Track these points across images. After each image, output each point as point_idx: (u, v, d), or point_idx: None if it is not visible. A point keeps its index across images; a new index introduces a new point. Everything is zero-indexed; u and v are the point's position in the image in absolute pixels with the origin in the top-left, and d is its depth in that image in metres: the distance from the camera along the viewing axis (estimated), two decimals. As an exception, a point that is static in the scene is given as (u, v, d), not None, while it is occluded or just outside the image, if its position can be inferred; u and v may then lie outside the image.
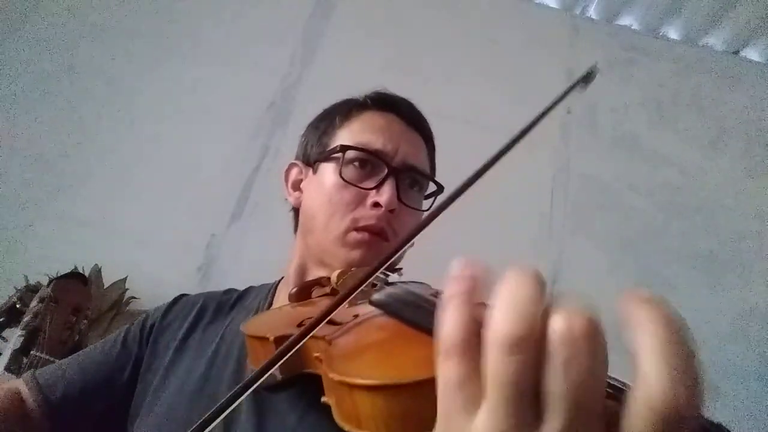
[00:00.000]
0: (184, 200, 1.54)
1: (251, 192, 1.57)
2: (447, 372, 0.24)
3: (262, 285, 0.78)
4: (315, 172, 0.72)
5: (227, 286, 0.79)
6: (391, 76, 1.78)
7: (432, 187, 0.76)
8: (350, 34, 1.84)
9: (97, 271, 1.33)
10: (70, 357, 0.71)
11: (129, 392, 0.66)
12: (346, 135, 0.70)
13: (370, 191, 0.66)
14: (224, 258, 1.49)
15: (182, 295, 0.77)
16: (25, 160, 1.52)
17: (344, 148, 0.67)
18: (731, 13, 1.90)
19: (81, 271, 1.25)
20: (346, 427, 0.33)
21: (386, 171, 0.67)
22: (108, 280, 1.34)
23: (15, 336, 1.09)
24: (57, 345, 1.05)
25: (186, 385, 0.61)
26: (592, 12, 2.02)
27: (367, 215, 0.65)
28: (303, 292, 0.62)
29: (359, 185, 0.66)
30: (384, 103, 0.74)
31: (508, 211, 1.64)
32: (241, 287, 0.78)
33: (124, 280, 1.36)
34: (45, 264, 1.22)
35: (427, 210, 0.74)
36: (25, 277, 1.22)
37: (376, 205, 0.65)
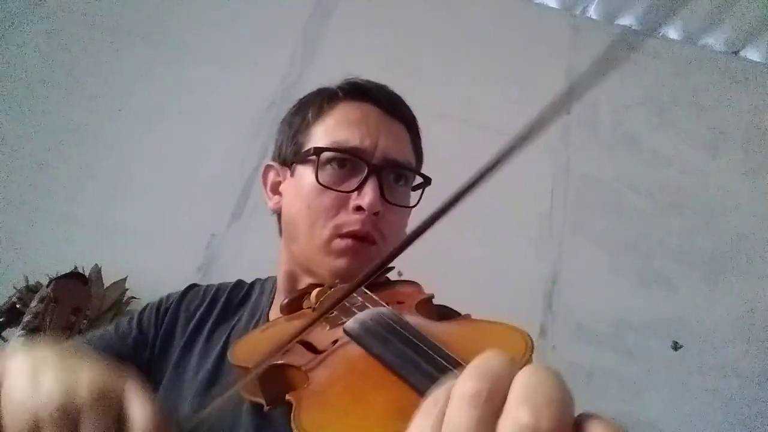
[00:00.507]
0: (184, 200, 1.54)
1: (251, 192, 1.57)
2: (422, 420, 0.24)
3: (268, 278, 0.76)
4: (292, 174, 0.67)
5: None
6: (391, 76, 1.77)
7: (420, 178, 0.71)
8: (350, 34, 1.84)
9: (97, 271, 1.33)
10: (80, 341, 0.69)
11: (147, 376, 0.66)
12: (320, 133, 0.65)
13: (351, 194, 0.61)
14: (224, 258, 1.49)
15: (193, 285, 0.75)
16: (25, 161, 1.52)
17: (318, 151, 0.62)
18: (731, 13, 1.90)
19: (81, 271, 1.25)
20: None
21: (367, 170, 0.62)
22: (108, 280, 1.34)
23: (15, 336, 1.09)
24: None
25: (193, 385, 0.60)
26: (592, 12, 2.02)
27: (350, 220, 0.61)
28: (294, 304, 0.59)
29: (338, 189, 0.62)
30: (358, 92, 0.68)
31: (508, 211, 1.64)
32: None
33: (124, 280, 1.36)
34: (45, 264, 1.22)
35: (415, 205, 0.69)
36: (25, 277, 1.22)
37: (359, 208, 0.60)
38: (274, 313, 0.67)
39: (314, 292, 0.56)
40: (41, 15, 1.70)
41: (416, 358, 0.35)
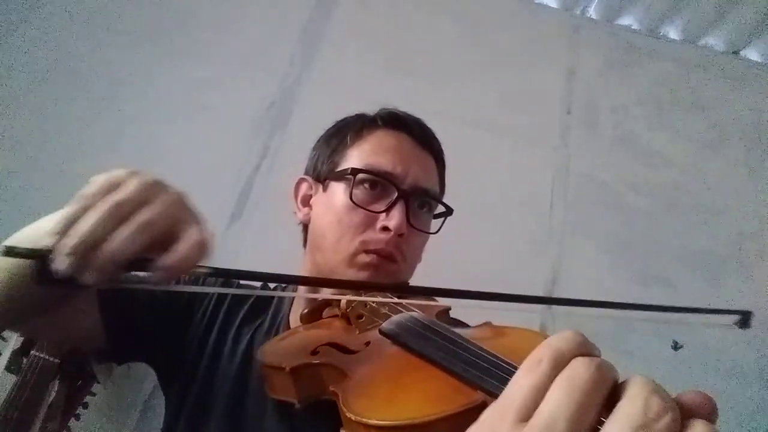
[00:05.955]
0: (184, 200, 1.54)
1: (251, 192, 1.57)
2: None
3: (288, 286, 0.79)
4: (325, 190, 0.72)
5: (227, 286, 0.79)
6: (391, 76, 1.78)
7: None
8: (350, 34, 1.84)
9: (97, 271, 1.33)
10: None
11: (174, 329, 0.69)
12: (356, 155, 0.71)
13: (380, 214, 0.67)
14: (224, 258, 1.48)
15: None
16: (25, 160, 1.52)
17: (355, 172, 0.68)
18: (731, 13, 1.90)
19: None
20: None
21: (396, 194, 0.67)
22: (108, 280, 1.34)
23: (15, 336, 1.09)
24: (57, 345, 1.05)
25: (224, 384, 0.64)
26: (592, 12, 2.02)
27: (376, 239, 0.66)
28: (314, 314, 0.63)
29: (369, 208, 0.67)
30: (395, 122, 0.74)
31: (508, 211, 1.64)
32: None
33: (124, 280, 1.35)
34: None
35: (435, 232, 0.76)
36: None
37: (386, 228, 0.66)
38: (294, 319, 0.70)
39: (345, 300, 0.59)
40: (41, 15, 1.71)
41: (455, 349, 0.36)
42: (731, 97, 1.93)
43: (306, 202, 0.76)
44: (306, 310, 0.63)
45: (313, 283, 0.45)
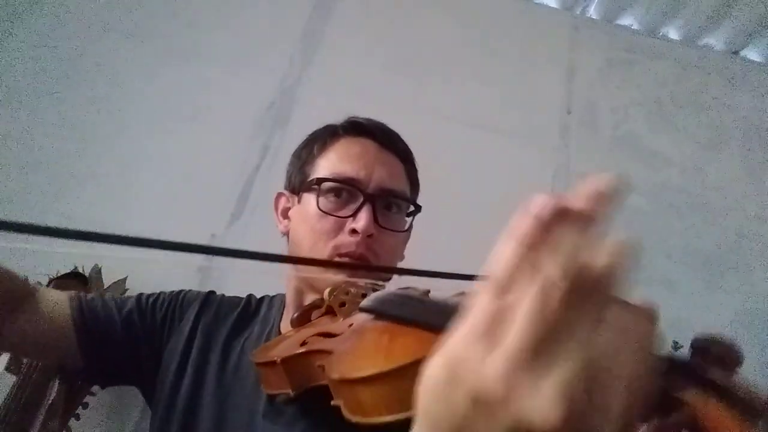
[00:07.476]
0: (184, 200, 1.54)
1: (251, 192, 1.57)
2: (486, 302, 0.24)
3: (276, 295, 0.82)
4: (300, 201, 0.76)
5: (227, 286, 0.80)
6: (391, 77, 1.79)
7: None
8: (350, 34, 1.84)
9: (97, 271, 1.33)
10: (115, 298, 0.80)
11: (152, 351, 0.73)
12: (323, 164, 0.75)
13: (348, 219, 0.70)
14: (224, 258, 1.49)
15: (212, 292, 0.83)
16: (25, 161, 1.52)
17: (320, 181, 0.72)
18: (731, 13, 1.90)
19: (81, 271, 1.25)
20: (355, 419, 0.37)
21: (362, 198, 0.70)
22: (108, 280, 1.34)
23: (15, 336, 1.09)
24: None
25: (216, 394, 0.67)
26: (592, 12, 2.02)
27: (346, 242, 0.69)
28: (303, 317, 0.66)
29: (336, 214, 0.71)
30: (357, 129, 0.78)
31: (508, 211, 1.64)
32: (241, 287, 0.79)
33: (124, 280, 1.35)
34: (45, 264, 1.22)
35: (407, 230, 0.78)
36: (25, 277, 1.21)
37: (354, 231, 0.69)
38: (285, 325, 0.74)
39: (327, 291, 0.62)
40: (41, 15, 1.71)
41: (426, 306, 0.39)
42: (731, 97, 1.93)
43: (285, 214, 0.80)
44: (296, 315, 0.66)
45: (268, 258, 0.47)
